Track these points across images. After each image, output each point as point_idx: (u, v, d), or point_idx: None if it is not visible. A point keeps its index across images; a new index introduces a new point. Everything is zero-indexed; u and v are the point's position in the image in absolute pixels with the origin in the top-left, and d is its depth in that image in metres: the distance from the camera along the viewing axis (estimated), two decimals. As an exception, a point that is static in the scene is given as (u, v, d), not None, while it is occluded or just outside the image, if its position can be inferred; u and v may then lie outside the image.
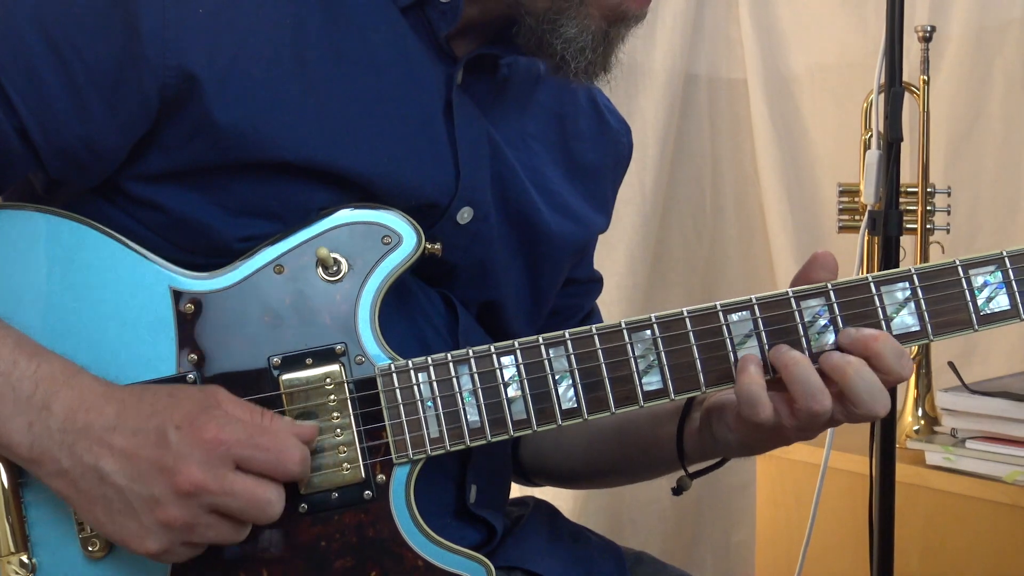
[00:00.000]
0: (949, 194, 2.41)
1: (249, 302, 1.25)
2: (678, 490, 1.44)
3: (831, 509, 2.40)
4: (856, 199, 2.36)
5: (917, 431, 2.43)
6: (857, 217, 2.36)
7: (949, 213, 2.40)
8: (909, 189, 2.37)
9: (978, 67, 2.88)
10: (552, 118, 1.50)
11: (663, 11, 3.05)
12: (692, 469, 1.44)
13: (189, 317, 1.24)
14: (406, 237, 1.27)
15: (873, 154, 2.14)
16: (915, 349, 2.44)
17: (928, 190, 2.39)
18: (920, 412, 2.45)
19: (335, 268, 1.26)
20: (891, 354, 1.24)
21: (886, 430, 2.03)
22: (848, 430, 2.36)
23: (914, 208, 2.38)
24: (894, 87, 2.02)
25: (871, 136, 2.29)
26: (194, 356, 1.24)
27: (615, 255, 2.99)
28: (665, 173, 3.08)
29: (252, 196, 1.26)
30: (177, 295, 1.25)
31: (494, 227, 1.40)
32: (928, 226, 2.38)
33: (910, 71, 2.37)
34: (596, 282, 1.66)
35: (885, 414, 1.25)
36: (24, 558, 1.22)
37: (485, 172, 1.38)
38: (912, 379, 2.46)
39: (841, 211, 2.39)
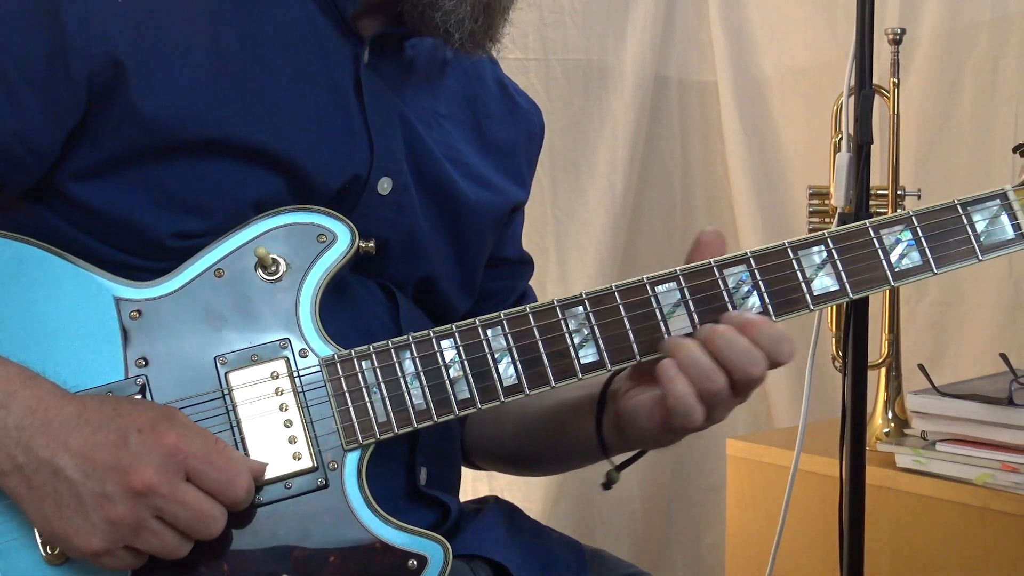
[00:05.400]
0: (919, 196, 2.41)
1: (192, 306, 1.29)
2: (607, 484, 1.46)
3: (801, 511, 2.40)
4: (826, 201, 2.36)
5: (887, 434, 2.43)
6: (827, 220, 2.36)
7: (919, 215, 2.40)
8: (879, 192, 2.37)
9: (948, 69, 2.89)
10: (462, 101, 1.56)
11: (634, 13, 3.06)
12: (616, 461, 1.46)
13: (134, 324, 1.28)
14: (340, 235, 1.32)
15: (843, 157, 2.14)
16: (885, 351, 2.45)
17: (898, 192, 2.39)
18: (890, 415, 2.44)
19: (274, 268, 1.30)
20: (768, 338, 1.28)
21: (856, 432, 2.03)
22: (819, 432, 2.37)
23: (884, 211, 2.37)
24: (864, 89, 2.01)
25: (841, 139, 2.29)
26: (142, 361, 1.27)
27: (586, 257, 2.99)
28: (635, 175, 3.08)
29: (180, 187, 1.30)
30: (121, 304, 1.28)
31: (415, 198, 1.44)
32: (898, 228, 2.38)
33: (880, 73, 2.36)
34: (527, 264, 1.71)
35: (762, 378, 1.29)
36: None
37: (398, 144, 1.43)
38: (882, 381, 2.46)
39: (811, 213, 2.39)
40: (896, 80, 2.42)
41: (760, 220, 3.14)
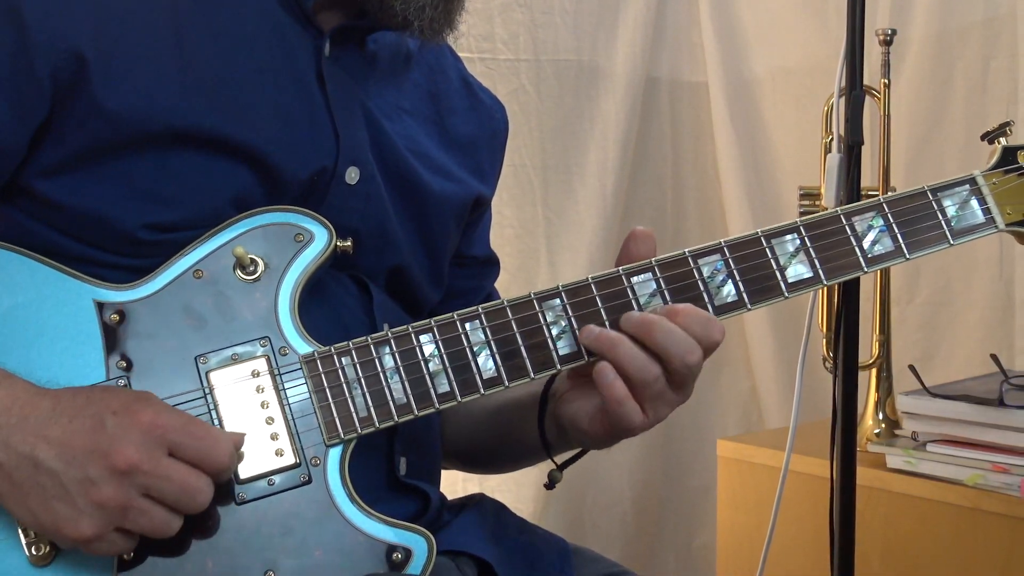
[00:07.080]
0: (910, 197, 2.41)
1: (172, 307, 1.30)
2: (550, 484, 1.48)
3: (792, 512, 2.40)
4: (817, 202, 2.36)
5: (878, 434, 2.43)
6: (818, 220, 2.36)
7: (910, 216, 2.39)
8: (870, 192, 2.37)
9: (939, 70, 2.89)
10: (426, 96, 1.57)
11: (624, 14, 3.06)
12: (559, 460, 1.49)
13: (115, 326, 1.29)
14: (318, 234, 1.34)
15: (834, 157, 2.13)
16: (876, 352, 2.45)
17: (889, 193, 2.39)
18: (881, 415, 2.45)
19: (252, 268, 1.32)
20: (698, 322, 1.29)
21: (847, 433, 2.03)
22: (810, 433, 2.37)
23: (875, 211, 2.38)
24: (855, 90, 2.01)
25: (832, 139, 2.29)
26: (123, 363, 1.28)
27: (577, 258, 2.99)
28: (626, 176, 3.08)
29: (148, 180, 1.31)
30: (102, 307, 1.29)
31: (382, 187, 1.46)
32: (889, 229, 2.38)
33: (871, 74, 2.37)
34: (495, 265, 1.73)
35: (698, 365, 1.30)
36: None
37: (363, 133, 1.44)
38: (873, 382, 2.46)
39: (802, 214, 2.38)
40: (887, 81, 2.42)
41: (751, 221, 3.14)
